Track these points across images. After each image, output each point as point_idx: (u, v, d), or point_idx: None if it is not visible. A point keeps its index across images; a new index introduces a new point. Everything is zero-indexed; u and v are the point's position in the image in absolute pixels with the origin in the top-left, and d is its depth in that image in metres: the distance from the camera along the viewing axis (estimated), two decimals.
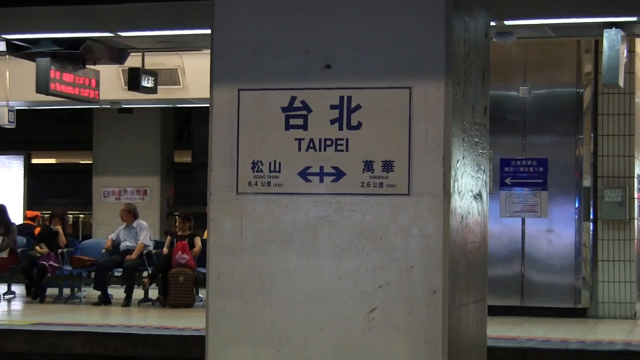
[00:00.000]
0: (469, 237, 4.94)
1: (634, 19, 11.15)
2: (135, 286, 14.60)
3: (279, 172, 4.71)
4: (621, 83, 11.55)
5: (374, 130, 4.62)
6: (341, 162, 4.65)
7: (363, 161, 4.63)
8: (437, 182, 4.56)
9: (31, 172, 22.17)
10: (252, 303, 4.70)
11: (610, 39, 11.15)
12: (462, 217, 4.80)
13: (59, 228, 15.29)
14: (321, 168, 4.67)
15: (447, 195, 4.56)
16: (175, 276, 13.99)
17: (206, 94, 4.94)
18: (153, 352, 10.78)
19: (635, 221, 13.27)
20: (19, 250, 15.35)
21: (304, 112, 4.70)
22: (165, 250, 14.51)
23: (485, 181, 5.26)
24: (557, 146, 13.15)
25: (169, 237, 14.97)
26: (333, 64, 4.67)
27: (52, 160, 26.04)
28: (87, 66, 14.06)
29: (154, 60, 15.26)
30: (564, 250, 13.03)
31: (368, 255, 4.59)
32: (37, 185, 22.92)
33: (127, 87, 15.22)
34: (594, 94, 13.22)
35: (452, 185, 4.60)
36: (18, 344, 11.17)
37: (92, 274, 15.03)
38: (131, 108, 20.05)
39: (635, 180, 13.25)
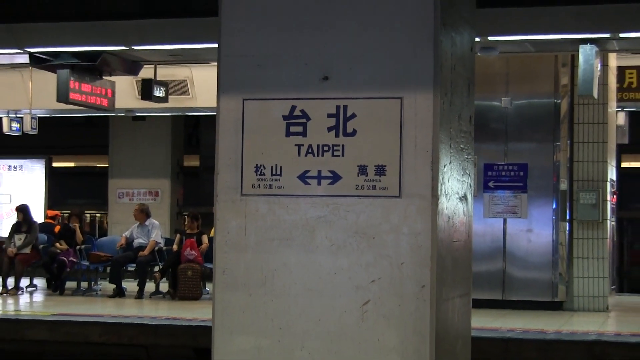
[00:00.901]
0: (455, 235, 4.93)
1: (607, 35, 11.16)
2: (147, 280, 14.59)
3: (280, 175, 4.70)
4: (595, 94, 11.55)
5: (367, 137, 4.61)
6: (337, 166, 4.64)
7: (357, 165, 4.62)
8: (425, 185, 4.55)
9: (52, 174, 22.16)
10: (255, 296, 4.69)
11: (586, 53, 11.16)
12: (449, 218, 4.80)
13: (77, 226, 15.28)
14: (319, 172, 4.66)
15: (435, 197, 4.55)
16: (184, 271, 13.97)
17: (213, 103, 4.93)
18: (163, 341, 10.77)
19: (608, 222, 13.26)
20: (41, 246, 15.33)
21: (303, 120, 4.69)
22: (175, 247, 14.49)
23: (470, 184, 5.25)
24: (536, 152, 13.14)
25: (178, 235, 14.96)
26: (330, 76, 4.66)
27: (71, 164, 26.06)
28: (103, 77, 14.07)
29: (165, 72, 15.26)
30: (542, 248, 13.02)
31: (362, 252, 4.58)
32: (57, 186, 22.92)
33: (140, 97, 15.22)
34: (570, 104, 13.21)
35: (439, 188, 4.60)
36: (39, 332, 11.17)
37: (108, 269, 15.02)
38: (144, 116, 20.08)
39: (608, 184, 13.24)
